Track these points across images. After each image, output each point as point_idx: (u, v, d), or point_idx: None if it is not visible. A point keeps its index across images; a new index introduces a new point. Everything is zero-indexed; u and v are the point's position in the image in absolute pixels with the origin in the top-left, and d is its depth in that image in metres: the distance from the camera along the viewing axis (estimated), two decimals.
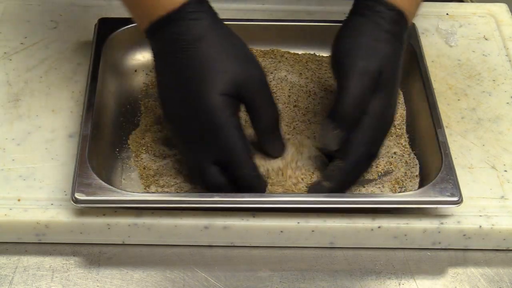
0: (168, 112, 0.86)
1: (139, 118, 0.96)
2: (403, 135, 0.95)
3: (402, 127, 0.96)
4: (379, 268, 0.87)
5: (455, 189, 0.85)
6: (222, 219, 0.86)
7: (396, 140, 0.95)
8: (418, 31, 1.03)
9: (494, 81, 1.03)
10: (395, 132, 0.96)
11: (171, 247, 0.87)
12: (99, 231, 0.86)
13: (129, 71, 1.01)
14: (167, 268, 0.86)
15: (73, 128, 0.94)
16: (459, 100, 1.01)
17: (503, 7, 1.13)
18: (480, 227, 0.87)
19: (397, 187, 0.90)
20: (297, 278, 0.85)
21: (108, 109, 0.95)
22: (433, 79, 0.99)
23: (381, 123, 0.86)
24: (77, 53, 1.03)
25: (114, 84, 0.98)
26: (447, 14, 1.12)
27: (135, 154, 0.92)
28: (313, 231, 0.86)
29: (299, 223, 0.86)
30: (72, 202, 0.83)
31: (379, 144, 0.88)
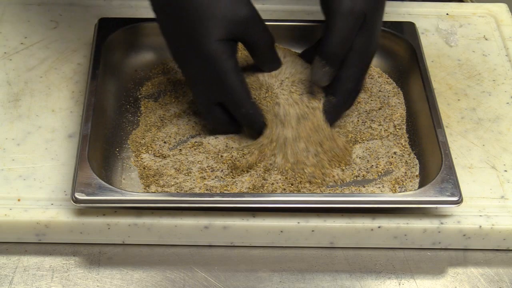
0: (173, 55, 0.90)
1: (139, 118, 0.96)
2: (403, 135, 0.95)
3: (402, 127, 0.96)
4: (379, 268, 0.87)
5: (455, 189, 0.85)
6: (222, 219, 0.86)
7: (396, 140, 0.95)
8: (418, 31, 1.03)
9: (494, 81, 1.03)
10: (395, 132, 0.96)
11: (171, 247, 0.87)
12: (99, 231, 0.86)
13: (129, 71, 1.01)
14: (167, 268, 0.86)
15: (73, 128, 0.94)
16: (459, 100, 1.01)
17: (503, 7, 1.13)
18: (480, 227, 0.87)
19: (397, 187, 0.89)
20: (297, 278, 0.85)
21: (108, 109, 0.95)
22: (433, 79, 0.99)
23: (364, 60, 0.92)
24: (77, 53, 1.03)
25: (114, 84, 0.98)
26: (447, 14, 1.12)
27: (135, 154, 0.92)
28: (313, 231, 0.86)
29: (299, 223, 0.86)
30: (72, 202, 0.83)
31: (362, 79, 0.94)
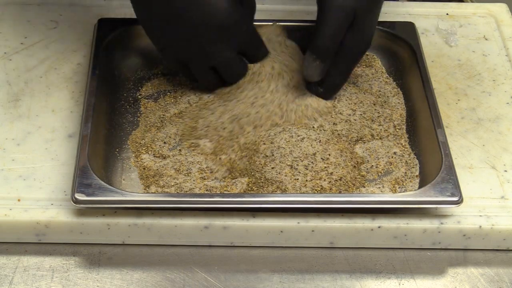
0: (166, 22, 0.91)
1: (139, 118, 0.96)
2: (403, 135, 0.95)
3: (402, 127, 0.96)
4: (379, 268, 0.87)
5: (455, 189, 0.85)
6: (222, 219, 0.86)
7: (396, 140, 0.94)
8: (418, 31, 1.03)
9: (494, 81, 1.03)
10: (395, 132, 0.96)
11: (171, 247, 0.87)
12: (99, 231, 0.86)
13: (129, 72, 1.01)
14: (167, 268, 0.86)
15: (73, 128, 0.94)
16: (459, 100, 1.01)
17: (503, 7, 1.13)
18: (480, 227, 0.87)
19: (397, 187, 0.89)
20: (297, 278, 0.85)
21: (108, 110, 0.95)
22: (433, 79, 0.99)
23: (353, 57, 0.94)
24: (77, 53, 1.03)
25: (114, 84, 0.98)
26: (447, 14, 1.12)
27: (135, 154, 0.92)
28: (313, 231, 0.86)
29: (299, 223, 0.86)
30: (72, 202, 0.83)
31: (349, 74, 0.96)
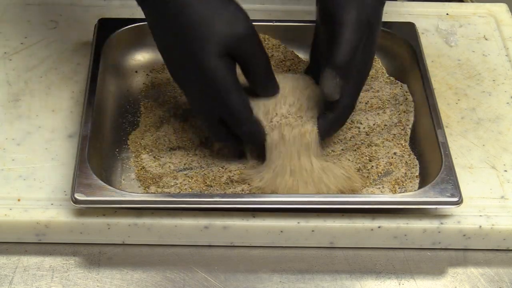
0: (172, 73, 0.88)
1: (139, 118, 0.96)
2: (404, 136, 0.95)
3: (405, 129, 0.96)
4: (379, 268, 0.87)
5: (455, 189, 0.85)
6: (222, 219, 0.86)
7: (396, 140, 0.94)
8: (418, 31, 1.03)
9: (494, 81, 1.03)
10: (395, 132, 0.95)
11: (171, 247, 0.87)
12: (99, 231, 0.86)
13: (129, 72, 1.01)
14: (167, 268, 0.86)
15: (73, 128, 0.94)
16: (459, 100, 1.01)
17: (503, 7, 1.13)
18: (480, 227, 0.87)
19: (397, 188, 0.89)
20: (297, 278, 0.85)
21: (108, 109, 0.95)
22: (433, 79, 0.99)
23: (363, 75, 0.89)
24: (77, 53, 1.03)
25: (114, 84, 0.98)
26: (447, 14, 1.12)
27: (135, 154, 0.92)
28: (313, 231, 0.86)
29: (299, 223, 0.86)
30: (72, 202, 0.83)
31: (358, 95, 0.90)
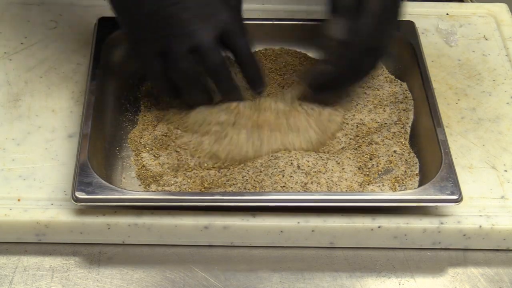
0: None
1: (138, 117, 0.96)
2: (403, 134, 0.95)
3: (405, 127, 0.96)
4: (379, 268, 0.87)
5: (455, 187, 0.85)
6: (222, 219, 0.86)
7: (396, 138, 0.94)
8: (418, 31, 1.03)
9: (494, 81, 1.03)
10: (395, 130, 0.95)
11: (171, 247, 0.87)
12: (99, 231, 0.86)
13: (129, 71, 1.01)
14: (167, 268, 0.86)
15: (73, 128, 0.94)
16: (459, 100, 1.01)
17: (503, 7, 1.13)
18: (480, 227, 0.87)
19: (397, 186, 0.89)
20: (297, 278, 0.85)
21: (108, 108, 0.95)
22: (433, 79, 0.99)
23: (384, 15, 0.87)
24: (77, 53, 1.03)
25: (114, 83, 0.98)
26: (447, 14, 1.12)
27: (135, 153, 0.92)
28: (313, 231, 0.86)
29: (299, 223, 0.86)
30: (72, 201, 0.83)
31: (384, 36, 0.88)
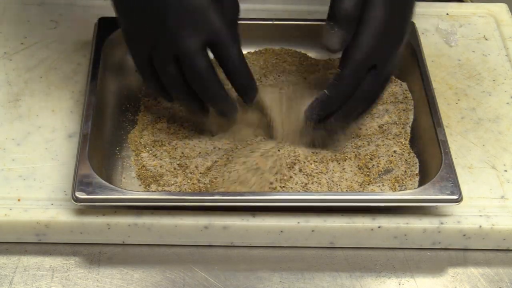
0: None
1: (138, 117, 0.96)
2: (403, 134, 0.95)
3: (405, 127, 0.96)
4: (379, 268, 0.87)
5: (455, 187, 0.85)
6: (222, 219, 0.86)
7: (395, 138, 0.94)
8: (418, 31, 1.03)
9: (494, 81, 1.03)
10: (396, 130, 0.95)
11: (171, 247, 0.87)
12: (99, 231, 0.86)
13: (129, 71, 1.01)
14: (167, 268, 0.86)
15: (73, 128, 0.94)
16: (459, 100, 1.01)
17: (503, 7, 1.13)
18: (480, 227, 0.87)
19: (397, 186, 0.89)
20: (297, 278, 0.85)
21: (108, 109, 0.95)
22: (433, 79, 0.99)
23: (387, 30, 0.82)
24: (77, 53, 1.03)
25: (114, 83, 0.98)
26: (447, 14, 1.12)
27: (135, 153, 0.92)
28: (313, 231, 0.86)
29: (299, 223, 0.86)
30: (72, 201, 0.83)
31: (386, 54, 0.82)
